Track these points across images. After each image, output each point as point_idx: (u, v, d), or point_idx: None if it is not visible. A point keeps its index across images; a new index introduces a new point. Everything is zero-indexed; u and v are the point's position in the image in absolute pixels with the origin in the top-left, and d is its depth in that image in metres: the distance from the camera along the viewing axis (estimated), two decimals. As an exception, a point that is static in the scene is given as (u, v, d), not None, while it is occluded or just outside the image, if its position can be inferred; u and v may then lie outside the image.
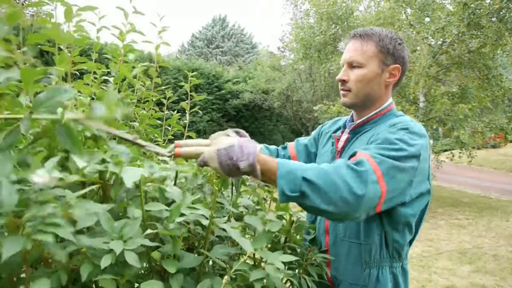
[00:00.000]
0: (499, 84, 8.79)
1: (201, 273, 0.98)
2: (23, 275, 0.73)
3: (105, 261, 0.68)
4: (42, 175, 0.75)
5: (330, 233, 1.33)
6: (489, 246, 5.88)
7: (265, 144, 1.62)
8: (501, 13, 7.86)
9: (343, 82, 1.34)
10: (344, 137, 1.41)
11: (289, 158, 1.58)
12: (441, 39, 8.29)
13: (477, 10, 7.67)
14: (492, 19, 7.87)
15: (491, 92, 8.82)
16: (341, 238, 1.30)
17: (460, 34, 7.95)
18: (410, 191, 1.16)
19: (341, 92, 1.37)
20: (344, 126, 1.46)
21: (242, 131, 1.32)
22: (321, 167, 1.05)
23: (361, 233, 1.26)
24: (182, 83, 2.25)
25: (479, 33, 7.99)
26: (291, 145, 1.65)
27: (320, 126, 1.67)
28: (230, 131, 1.28)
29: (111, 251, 0.69)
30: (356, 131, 1.37)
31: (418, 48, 8.95)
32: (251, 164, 0.99)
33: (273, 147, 1.64)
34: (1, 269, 0.66)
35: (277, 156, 1.59)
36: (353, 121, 1.42)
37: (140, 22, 1.89)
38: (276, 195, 1.28)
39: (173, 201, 0.96)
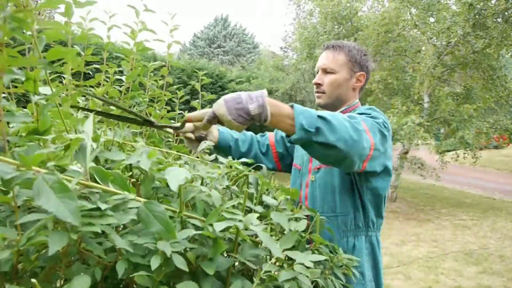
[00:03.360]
0: (503, 85, 8.77)
1: (229, 274, 0.97)
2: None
3: (155, 262, 0.67)
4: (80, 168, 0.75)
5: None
6: (494, 247, 5.87)
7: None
8: (507, 13, 7.84)
9: (318, 85, 1.54)
10: None
11: (267, 146, 1.73)
12: (446, 40, 8.27)
13: (482, 11, 7.65)
14: (498, 19, 7.85)
15: (495, 92, 8.80)
16: (320, 214, 1.35)
17: (465, 35, 7.92)
18: (384, 159, 1.32)
19: (316, 94, 1.57)
20: None
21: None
22: (328, 112, 1.14)
23: (337, 206, 1.43)
24: (192, 82, 2.24)
25: (484, 33, 7.96)
26: (271, 135, 1.78)
27: None
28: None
29: (156, 251, 0.68)
30: None
31: (423, 48, 8.93)
32: (261, 104, 1.03)
33: (248, 133, 1.76)
34: (46, 262, 0.66)
35: (252, 143, 1.71)
36: None
37: (148, 21, 1.88)
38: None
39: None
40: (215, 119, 1.09)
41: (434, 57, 8.21)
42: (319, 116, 1.07)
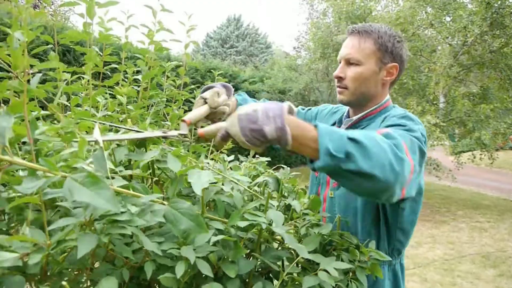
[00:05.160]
0: (521, 84, 8.61)
1: (251, 275, 0.96)
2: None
3: (179, 269, 0.66)
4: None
5: None
6: (512, 250, 5.77)
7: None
8: (525, 12, 7.69)
9: (340, 79, 1.31)
10: None
11: None
12: (462, 39, 8.15)
13: (500, 10, 7.52)
14: (516, 18, 7.71)
15: (513, 92, 8.65)
16: None
17: (482, 34, 7.80)
18: (419, 178, 1.10)
19: (338, 89, 1.34)
20: (340, 121, 1.44)
21: (228, 85, 1.40)
22: (363, 131, 0.94)
23: (359, 233, 1.24)
24: (207, 83, 2.24)
25: (501, 32, 7.83)
26: None
27: (318, 108, 1.63)
28: (218, 86, 1.38)
29: (180, 256, 0.68)
30: (351, 128, 1.36)
31: (439, 48, 8.82)
32: (279, 127, 0.84)
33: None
34: (76, 264, 0.66)
35: None
36: (349, 117, 1.41)
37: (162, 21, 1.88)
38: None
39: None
40: (230, 137, 0.92)
41: (450, 56, 8.11)
42: (350, 138, 0.86)
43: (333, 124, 1.47)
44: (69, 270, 0.69)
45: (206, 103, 1.31)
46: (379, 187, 0.88)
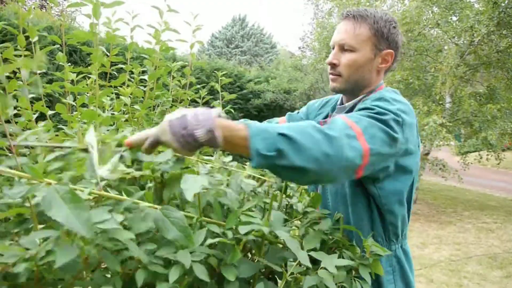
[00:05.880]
0: (528, 85, 8.54)
1: (256, 276, 0.95)
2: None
3: (173, 275, 0.66)
4: (106, 169, 0.74)
5: None
6: (520, 251, 5.72)
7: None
8: (533, 11, 7.63)
9: (333, 66, 1.26)
10: None
11: None
12: (469, 39, 8.09)
13: (507, 9, 7.46)
14: (523, 17, 7.64)
15: (520, 93, 8.59)
16: None
17: (489, 33, 7.74)
18: (396, 158, 1.10)
19: (330, 76, 1.29)
20: (333, 109, 1.41)
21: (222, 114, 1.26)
22: (293, 123, 0.94)
23: (351, 219, 1.21)
24: (212, 83, 2.24)
25: (509, 32, 7.77)
26: (282, 121, 1.56)
27: (307, 105, 1.59)
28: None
29: (175, 262, 0.68)
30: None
31: (445, 47, 8.76)
32: (209, 130, 0.83)
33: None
34: (61, 273, 0.65)
35: None
36: (342, 104, 1.37)
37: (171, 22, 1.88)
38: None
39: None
40: (158, 144, 0.90)
41: (457, 56, 8.05)
42: (281, 134, 0.86)
43: (327, 116, 1.43)
44: (63, 279, 0.68)
45: None
46: (315, 177, 0.91)
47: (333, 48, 1.28)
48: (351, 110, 1.28)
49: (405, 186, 1.19)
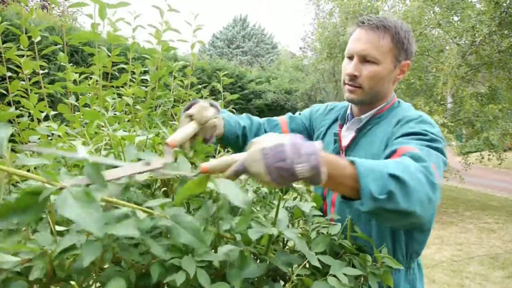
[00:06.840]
0: (530, 85, 8.53)
1: (262, 278, 0.95)
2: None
3: (180, 278, 0.66)
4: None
5: None
6: (521, 251, 5.71)
7: (247, 114, 1.48)
8: (534, 11, 7.62)
9: (354, 77, 1.21)
10: (350, 135, 1.30)
11: None
12: (471, 39, 8.09)
13: (509, 9, 7.45)
14: (525, 17, 7.63)
15: (521, 93, 8.57)
16: None
17: (490, 34, 7.73)
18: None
19: (348, 87, 1.23)
20: (343, 119, 1.37)
21: (214, 102, 1.23)
22: (396, 161, 0.88)
23: (373, 238, 1.16)
24: (213, 83, 2.24)
25: (510, 32, 7.76)
26: (283, 122, 1.48)
27: (311, 109, 1.53)
28: (201, 101, 1.18)
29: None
30: (362, 128, 1.28)
31: (447, 48, 8.75)
32: (314, 167, 0.73)
33: (256, 119, 1.46)
34: (81, 272, 0.65)
35: (259, 132, 1.40)
36: (353, 117, 1.33)
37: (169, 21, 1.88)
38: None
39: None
40: (244, 173, 0.79)
41: (458, 56, 8.04)
42: (391, 175, 0.79)
43: (334, 122, 1.40)
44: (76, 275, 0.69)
45: (192, 120, 1.14)
46: (415, 221, 0.85)
47: (350, 57, 1.23)
48: (367, 123, 1.26)
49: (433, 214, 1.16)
